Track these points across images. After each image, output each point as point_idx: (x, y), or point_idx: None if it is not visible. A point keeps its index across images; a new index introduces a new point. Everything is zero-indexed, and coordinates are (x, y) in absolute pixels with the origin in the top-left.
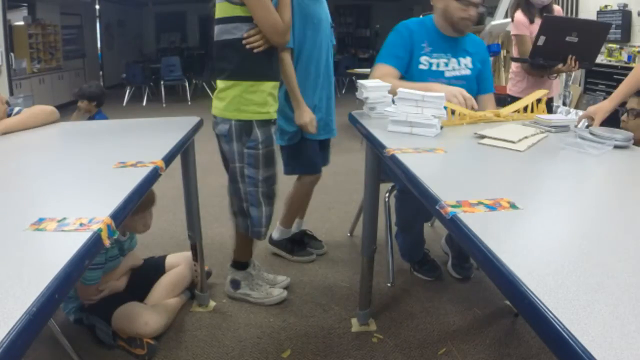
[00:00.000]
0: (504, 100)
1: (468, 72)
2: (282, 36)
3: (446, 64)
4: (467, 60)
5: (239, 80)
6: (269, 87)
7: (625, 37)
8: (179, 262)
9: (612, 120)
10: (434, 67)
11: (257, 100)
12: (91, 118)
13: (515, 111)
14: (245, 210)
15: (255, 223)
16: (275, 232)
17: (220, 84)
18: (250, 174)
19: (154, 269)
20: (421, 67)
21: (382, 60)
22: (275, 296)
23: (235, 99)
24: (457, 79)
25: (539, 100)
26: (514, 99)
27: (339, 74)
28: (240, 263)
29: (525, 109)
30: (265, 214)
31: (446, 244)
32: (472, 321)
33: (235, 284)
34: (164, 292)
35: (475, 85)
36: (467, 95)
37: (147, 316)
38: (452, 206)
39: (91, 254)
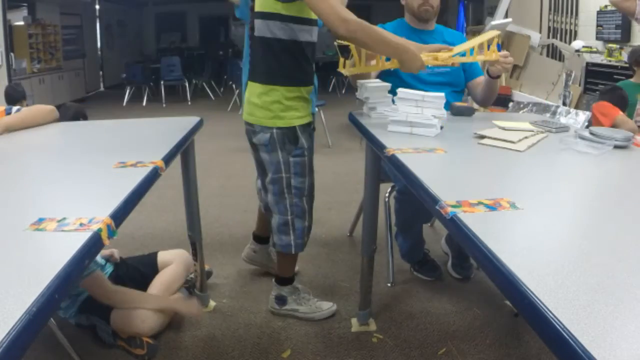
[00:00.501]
0: (504, 100)
1: None
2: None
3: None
4: None
5: (276, 85)
6: (305, 92)
7: (625, 37)
8: (172, 259)
9: None
10: None
11: (296, 105)
12: None
13: (459, 54)
14: (290, 223)
15: (299, 235)
16: None
17: (256, 87)
18: (296, 184)
19: (147, 267)
20: None
21: None
22: (325, 310)
23: (275, 105)
24: (441, 68)
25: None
26: None
27: (339, 73)
28: (285, 278)
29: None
30: (308, 224)
31: (446, 244)
32: (472, 321)
33: (281, 300)
34: (160, 291)
35: (462, 73)
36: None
37: (144, 314)
38: (452, 206)
39: (91, 254)
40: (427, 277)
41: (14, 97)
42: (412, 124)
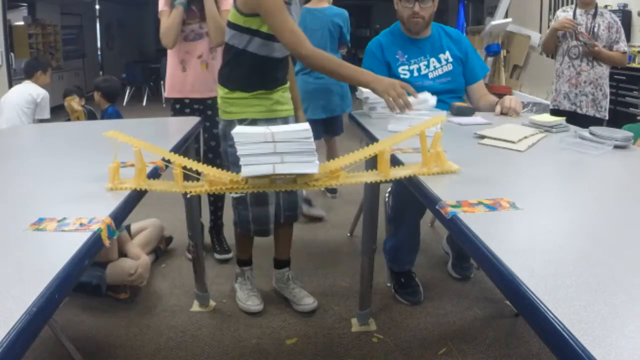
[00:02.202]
0: None
1: (450, 66)
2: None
3: (427, 66)
4: (446, 55)
5: (221, 86)
6: (247, 94)
7: (626, 37)
8: (146, 226)
9: (611, 121)
10: (415, 74)
11: (238, 103)
12: (104, 112)
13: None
14: (235, 208)
15: (242, 220)
16: None
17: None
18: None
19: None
20: (402, 77)
21: None
22: (247, 304)
23: (221, 102)
24: (442, 77)
25: None
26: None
27: None
28: (240, 259)
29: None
30: (254, 214)
31: (447, 243)
32: (472, 321)
33: (235, 278)
34: (140, 246)
35: (462, 77)
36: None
37: (133, 268)
38: (452, 206)
39: (91, 254)
40: (405, 301)
41: (37, 66)
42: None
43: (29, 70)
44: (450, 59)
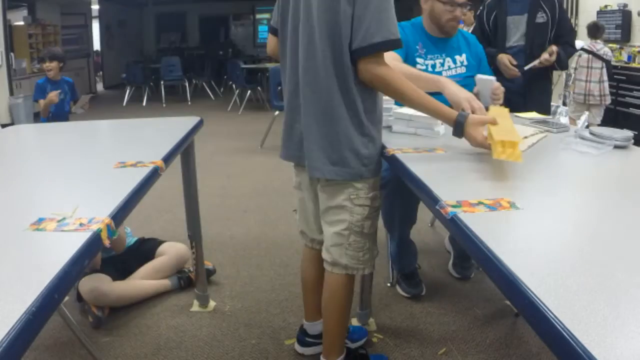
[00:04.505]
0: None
1: (464, 69)
2: None
3: (442, 64)
4: (462, 58)
5: None
6: None
7: (625, 37)
8: (167, 251)
9: (611, 121)
10: (429, 69)
11: None
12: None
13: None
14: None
15: None
16: None
17: None
18: None
19: (147, 251)
20: (419, 67)
21: None
22: None
23: None
24: (455, 78)
25: None
26: None
27: None
28: None
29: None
30: None
31: (450, 242)
32: (472, 321)
33: None
34: (142, 274)
35: (473, 81)
36: (477, 105)
37: (107, 288)
38: (452, 206)
39: (91, 254)
40: (405, 293)
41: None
42: (416, 125)
43: None
44: (465, 62)
